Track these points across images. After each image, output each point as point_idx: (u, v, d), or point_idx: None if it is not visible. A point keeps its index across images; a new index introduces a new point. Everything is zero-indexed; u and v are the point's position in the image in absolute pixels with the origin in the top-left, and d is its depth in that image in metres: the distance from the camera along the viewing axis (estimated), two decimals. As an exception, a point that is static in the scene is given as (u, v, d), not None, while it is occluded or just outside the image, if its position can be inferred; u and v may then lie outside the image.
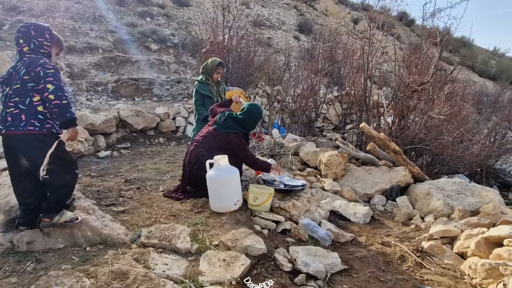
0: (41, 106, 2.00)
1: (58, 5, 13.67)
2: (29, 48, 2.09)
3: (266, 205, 3.05)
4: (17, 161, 2.05)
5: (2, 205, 2.14)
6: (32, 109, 1.98)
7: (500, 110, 12.24)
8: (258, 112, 3.37)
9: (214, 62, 4.23)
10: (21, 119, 1.95)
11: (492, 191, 3.63)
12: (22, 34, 2.09)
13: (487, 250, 2.48)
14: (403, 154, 4.11)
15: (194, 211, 3.09)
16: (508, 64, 25.84)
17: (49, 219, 2.11)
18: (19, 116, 1.95)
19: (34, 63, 2.01)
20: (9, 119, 1.95)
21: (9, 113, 1.96)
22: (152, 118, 6.44)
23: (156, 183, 4.12)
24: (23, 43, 2.09)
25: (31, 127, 1.96)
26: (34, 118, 1.97)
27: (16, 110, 1.96)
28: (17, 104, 1.96)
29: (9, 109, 1.97)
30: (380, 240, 3.02)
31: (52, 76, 1.99)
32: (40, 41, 2.11)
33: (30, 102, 1.97)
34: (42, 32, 2.14)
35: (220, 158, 2.96)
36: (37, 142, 1.99)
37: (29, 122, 1.96)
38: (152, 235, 2.31)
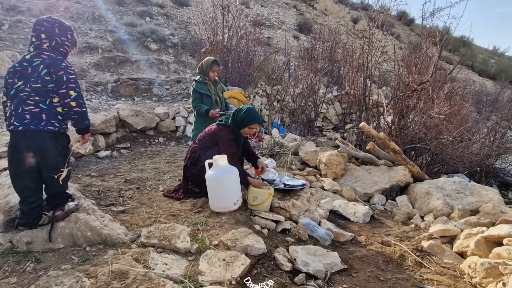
0: (60, 107, 2.04)
1: (57, 5, 13.67)
2: (50, 45, 2.07)
3: (266, 204, 3.05)
4: (23, 159, 2.04)
5: (2, 205, 2.13)
6: (52, 110, 2.01)
7: (499, 109, 12.26)
8: (251, 113, 3.25)
9: (209, 61, 4.27)
10: (42, 118, 1.97)
11: (492, 190, 3.63)
12: (46, 29, 2.05)
13: (486, 250, 2.48)
14: (403, 153, 4.11)
15: (193, 211, 3.09)
16: (508, 64, 25.85)
17: (61, 210, 2.21)
18: (39, 115, 1.97)
19: (56, 64, 2.00)
20: (27, 117, 1.95)
21: (28, 111, 1.95)
22: (152, 118, 6.44)
23: (156, 183, 4.12)
24: (45, 39, 2.05)
25: (51, 127, 2.00)
26: (54, 119, 2.02)
27: (37, 108, 1.96)
28: (38, 103, 1.96)
29: (28, 106, 1.95)
30: (380, 239, 3.02)
31: (74, 83, 2.02)
32: (63, 40, 2.11)
33: (51, 103, 2.00)
34: (65, 31, 2.14)
35: (219, 158, 2.96)
36: (55, 141, 2.05)
37: (50, 122, 2.00)
38: (152, 235, 2.31)
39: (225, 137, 3.24)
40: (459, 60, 5.67)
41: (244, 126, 3.24)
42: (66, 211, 2.25)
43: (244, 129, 3.26)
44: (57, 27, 2.09)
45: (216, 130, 3.35)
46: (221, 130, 3.30)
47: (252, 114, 3.22)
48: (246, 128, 3.24)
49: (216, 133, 3.31)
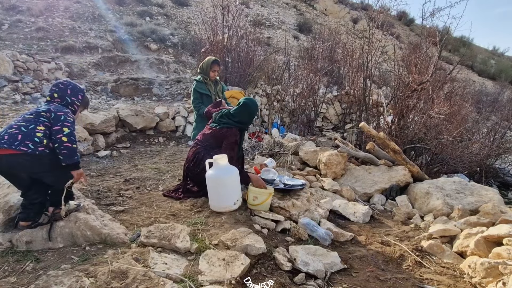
0: (41, 133, 2.10)
1: (57, 5, 13.66)
2: (61, 102, 2.33)
3: (266, 204, 3.05)
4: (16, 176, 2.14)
5: (1, 205, 2.13)
6: (30, 133, 2.07)
7: (499, 109, 12.25)
8: (253, 105, 3.33)
9: (209, 61, 4.27)
10: (17, 138, 2.03)
11: (492, 190, 3.63)
12: (59, 90, 2.34)
13: (486, 249, 2.48)
14: (403, 153, 4.11)
15: (193, 211, 3.09)
16: (508, 64, 25.86)
17: (59, 210, 2.24)
18: (15, 136, 2.04)
19: (59, 109, 2.21)
20: (5, 138, 2.03)
21: (8, 133, 2.05)
22: (152, 118, 6.43)
23: (156, 182, 4.11)
24: (57, 98, 2.33)
25: (24, 148, 2.02)
26: (29, 140, 2.05)
27: (16, 131, 2.06)
28: (20, 127, 2.08)
29: (10, 129, 2.08)
30: (380, 239, 3.02)
31: (70, 123, 2.18)
32: (73, 100, 2.37)
33: (33, 129, 2.09)
34: (77, 93, 2.40)
35: (220, 158, 2.96)
36: (29, 161, 2.07)
37: (24, 143, 2.03)
38: (152, 235, 2.31)
39: (230, 139, 3.25)
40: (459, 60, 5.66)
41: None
42: (66, 210, 2.26)
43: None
44: (69, 89, 2.36)
45: (217, 131, 3.33)
46: (227, 131, 3.29)
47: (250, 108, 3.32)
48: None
49: (221, 135, 3.30)
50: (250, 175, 3.20)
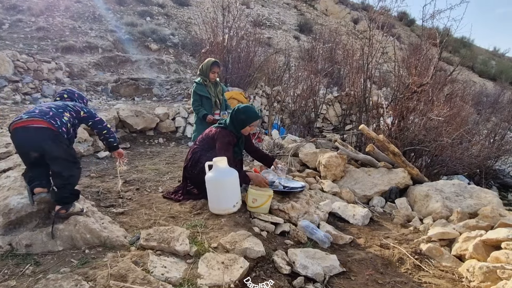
0: (67, 119, 2.43)
1: (57, 4, 13.68)
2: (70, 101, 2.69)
3: (265, 207, 3.05)
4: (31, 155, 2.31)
5: (1, 207, 2.13)
6: (59, 115, 2.36)
7: (499, 110, 12.25)
8: (249, 111, 3.25)
9: (209, 62, 4.28)
10: (48, 113, 2.29)
11: (491, 193, 3.63)
12: (68, 92, 2.74)
13: (485, 253, 2.49)
14: (402, 156, 4.11)
15: (193, 213, 3.09)
16: (508, 65, 25.87)
17: (65, 210, 2.29)
18: (47, 112, 2.30)
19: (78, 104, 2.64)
20: (36, 111, 2.27)
21: (39, 109, 2.31)
22: (152, 119, 6.44)
23: (156, 184, 4.12)
24: (67, 98, 2.70)
25: (53, 121, 2.26)
26: (58, 118, 2.33)
27: (48, 109, 2.33)
28: (51, 108, 2.36)
29: (41, 107, 2.34)
30: (379, 242, 3.02)
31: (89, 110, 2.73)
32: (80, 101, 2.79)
33: (62, 112, 2.41)
34: (82, 97, 2.85)
35: (219, 160, 2.96)
36: (59, 143, 2.26)
37: (54, 118, 2.29)
38: (151, 238, 2.31)
39: (222, 139, 3.22)
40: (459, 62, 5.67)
41: (244, 126, 3.24)
42: (68, 213, 2.29)
43: (245, 128, 3.26)
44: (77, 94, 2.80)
45: (215, 132, 3.35)
46: (219, 132, 3.29)
47: (250, 112, 3.22)
48: (247, 127, 3.25)
49: (215, 136, 3.32)
50: (249, 174, 3.20)
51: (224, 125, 3.34)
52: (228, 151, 3.20)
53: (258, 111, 8.96)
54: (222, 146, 3.20)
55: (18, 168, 2.63)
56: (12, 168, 2.83)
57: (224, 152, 3.16)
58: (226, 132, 3.27)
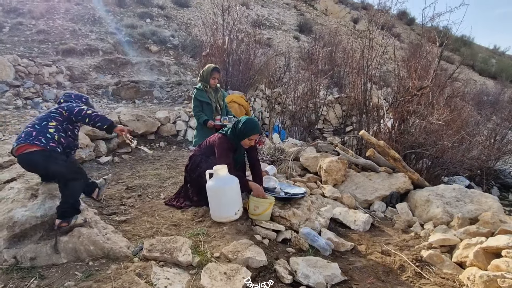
0: (53, 129, 2.35)
1: (58, 7, 13.69)
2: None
3: (267, 214, 3.07)
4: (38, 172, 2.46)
5: (5, 221, 2.15)
6: (43, 130, 2.31)
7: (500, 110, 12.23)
8: (249, 124, 3.21)
9: (209, 68, 4.30)
10: (32, 135, 2.28)
11: (491, 197, 3.64)
12: (65, 96, 2.73)
13: (485, 261, 2.50)
14: (403, 161, 4.12)
15: (195, 220, 3.11)
16: (509, 63, 25.82)
17: (66, 223, 2.31)
18: (31, 133, 2.29)
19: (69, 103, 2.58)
20: (22, 136, 2.33)
21: (24, 131, 2.33)
22: (153, 123, 6.46)
23: (157, 190, 4.14)
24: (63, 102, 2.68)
25: (37, 142, 2.25)
26: (42, 136, 2.29)
27: (32, 129, 2.32)
28: (34, 125, 2.35)
29: (26, 129, 2.36)
30: (380, 248, 3.04)
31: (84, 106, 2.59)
32: (77, 102, 2.73)
33: (45, 125, 2.34)
34: (81, 97, 2.79)
35: (220, 168, 2.98)
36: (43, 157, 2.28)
37: (37, 138, 2.27)
38: (154, 248, 2.33)
39: (220, 146, 3.23)
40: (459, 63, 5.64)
41: (243, 137, 3.22)
42: (71, 225, 2.31)
43: (244, 140, 3.25)
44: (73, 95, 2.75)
45: (214, 139, 3.37)
46: (218, 139, 3.31)
47: (250, 125, 3.19)
48: (246, 139, 3.23)
49: (214, 142, 3.34)
50: (251, 184, 3.19)
51: (226, 132, 3.36)
52: (228, 157, 3.22)
53: (259, 113, 9.01)
54: (221, 153, 3.21)
55: (22, 179, 2.64)
56: (15, 179, 2.85)
57: (224, 158, 3.17)
58: (225, 139, 3.29)
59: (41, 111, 6.53)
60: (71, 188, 2.37)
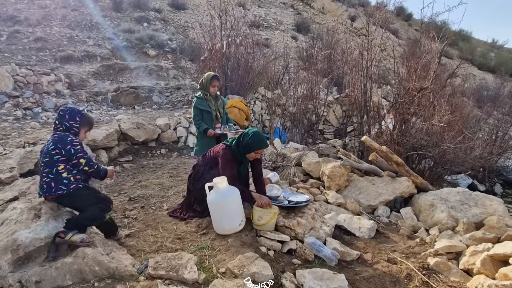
0: (65, 172, 2.46)
1: (54, 14, 13.67)
2: (63, 129, 2.58)
3: (271, 224, 3.05)
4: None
5: (9, 244, 2.14)
6: (58, 177, 2.44)
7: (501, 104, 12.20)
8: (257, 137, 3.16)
9: (209, 76, 4.28)
10: (51, 186, 2.43)
11: (496, 200, 3.62)
12: (59, 117, 2.60)
13: (493, 269, 2.49)
14: (406, 165, 4.10)
15: (199, 233, 3.09)
16: (507, 56, 25.79)
17: (63, 235, 2.33)
18: (50, 184, 2.43)
19: (63, 140, 2.48)
20: (44, 187, 2.45)
21: (44, 182, 2.46)
22: (153, 130, 6.45)
23: (160, 200, 4.13)
24: (58, 124, 2.59)
25: (60, 191, 2.43)
26: (60, 183, 2.43)
27: (48, 179, 2.44)
28: (48, 174, 2.44)
29: (43, 178, 2.47)
30: (386, 256, 3.02)
31: (81, 152, 2.52)
32: (71, 123, 2.59)
33: (57, 171, 2.44)
34: (74, 116, 2.62)
35: (219, 181, 2.95)
36: (71, 198, 2.50)
37: (58, 187, 2.43)
38: (159, 266, 2.31)
39: (224, 157, 3.21)
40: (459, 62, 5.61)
41: (249, 151, 3.18)
42: (65, 239, 2.32)
43: (250, 153, 3.21)
44: (67, 114, 2.61)
45: (218, 150, 3.35)
46: (222, 150, 3.29)
47: (258, 139, 3.14)
48: (252, 153, 3.19)
49: (218, 153, 3.32)
50: (253, 194, 3.16)
51: (230, 144, 3.33)
52: (232, 168, 3.19)
53: (259, 115, 8.98)
54: (225, 164, 3.19)
55: (24, 198, 2.63)
56: (18, 198, 2.84)
57: (229, 169, 3.15)
58: (229, 151, 3.26)
59: (41, 121, 6.52)
60: (87, 211, 2.49)
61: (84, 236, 2.33)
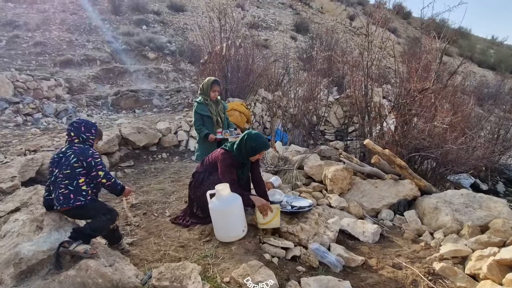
0: (85, 185, 2.51)
1: (53, 18, 13.66)
2: (79, 140, 2.61)
3: (275, 221, 3.05)
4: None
5: (12, 257, 2.12)
6: (78, 189, 2.47)
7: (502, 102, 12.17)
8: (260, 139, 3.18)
9: (209, 81, 4.27)
10: (70, 197, 2.45)
11: (500, 202, 3.60)
12: (74, 129, 2.61)
13: (500, 274, 2.46)
14: (409, 168, 4.08)
15: (202, 240, 3.07)
16: (507, 53, 25.74)
17: (67, 244, 2.30)
18: (68, 195, 2.45)
19: (84, 153, 2.52)
20: (61, 198, 2.45)
21: (61, 194, 2.45)
22: (154, 134, 6.43)
23: (162, 206, 4.11)
24: (74, 136, 2.60)
25: (78, 203, 2.45)
26: (79, 195, 2.47)
27: (66, 190, 2.45)
28: (67, 186, 2.46)
29: (61, 190, 2.46)
30: (391, 262, 3.00)
31: (100, 164, 2.56)
32: (87, 135, 2.64)
33: (77, 184, 2.48)
34: (90, 128, 2.67)
35: (222, 188, 2.94)
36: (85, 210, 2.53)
37: (76, 199, 2.46)
38: (163, 276, 2.29)
39: (224, 162, 3.21)
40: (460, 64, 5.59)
41: (254, 154, 3.20)
42: (69, 249, 2.28)
43: (254, 156, 3.23)
44: (83, 127, 2.64)
45: (217, 155, 3.34)
46: (221, 155, 3.28)
47: (261, 141, 3.17)
48: (256, 155, 3.22)
49: (218, 158, 3.31)
50: (252, 198, 3.16)
51: (229, 148, 3.32)
52: (232, 173, 3.19)
53: (259, 117, 8.96)
54: (225, 169, 3.19)
55: (26, 209, 2.61)
56: (19, 209, 2.82)
57: (227, 174, 3.15)
58: (228, 155, 3.26)
59: (41, 127, 6.50)
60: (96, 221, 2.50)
61: (88, 247, 2.30)
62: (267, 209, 3.02)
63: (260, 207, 3.03)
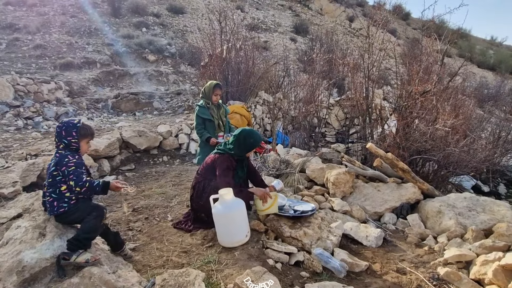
0: (68, 192, 2.45)
1: (53, 20, 13.66)
2: (64, 146, 2.50)
3: (274, 207, 3.16)
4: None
5: (14, 265, 2.10)
6: (61, 196, 2.44)
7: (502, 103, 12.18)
8: (255, 135, 3.34)
9: (211, 85, 4.27)
10: (54, 205, 2.44)
11: (504, 205, 3.59)
12: (57, 135, 2.52)
13: (505, 279, 2.45)
14: (412, 172, 4.07)
15: (205, 245, 3.07)
16: (507, 53, 25.76)
17: (67, 257, 2.25)
18: (52, 203, 2.45)
19: (60, 162, 2.43)
20: (48, 206, 2.49)
21: (47, 201, 2.48)
22: (155, 137, 6.41)
23: (164, 210, 4.09)
24: (58, 142, 2.52)
25: (61, 209, 2.44)
26: (62, 202, 2.44)
27: (51, 198, 2.45)
28: (51, 194, 2.45)
29: (46, 197, 2.49)
30: (395, 266, 2.98)
31: (72, 173, 2.40)
32: (69, 139, 2.49)
33: (60, 191, 2.44)
34: (70, 131, 2.50)
35: (225, 193, 2.94)
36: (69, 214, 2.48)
37: (59, 206, 2.44)
38: (167, 283, 2.28)
39: (221, 165, 3.25)
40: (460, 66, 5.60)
41: (251, 149, 3.35)
42: (70, 262, 2.25)
43: (251, 151, 3.39)
44: (63, 131, 2.50)
45: (213, 159, 3.36)
46: (218, 158, 3.32)
47: (257, 137, 3.33)
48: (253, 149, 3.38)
49: (214, 162, 3.32)
50: (252, 190, 3.24)
51: (222, 150, 3.35)
52: (228, 176, 3.22)
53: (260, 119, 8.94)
54: (222, 173, 3.22)
55: (28, 216, 2.59)
56: (22, 215, 2.81)
57: (224, 178, 3.18)
58: (224, 158, 3.30)
59: (42, 130, 6.49)
60: (83, 223, 2.42)
61: (89, 256, 2.28)
62: (267, 197, 3.13)
63: (261, 196, 3.13)
